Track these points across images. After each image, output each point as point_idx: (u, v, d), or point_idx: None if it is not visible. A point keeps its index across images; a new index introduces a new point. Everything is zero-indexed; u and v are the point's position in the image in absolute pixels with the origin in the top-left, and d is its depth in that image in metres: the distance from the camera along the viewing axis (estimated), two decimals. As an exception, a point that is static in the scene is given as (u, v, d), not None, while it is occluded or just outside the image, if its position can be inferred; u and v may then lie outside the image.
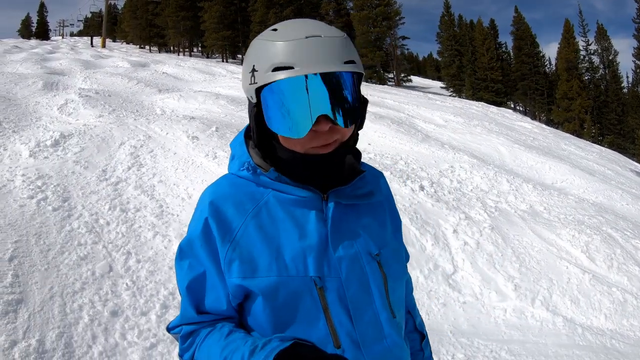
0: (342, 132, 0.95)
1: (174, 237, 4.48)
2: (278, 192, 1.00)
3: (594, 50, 44.11)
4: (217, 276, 0.99)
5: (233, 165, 1.08)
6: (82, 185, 5.10)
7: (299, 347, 0.83)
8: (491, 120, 15.02)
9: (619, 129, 40.09)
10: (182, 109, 9.42)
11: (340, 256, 0.97)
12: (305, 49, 0.89)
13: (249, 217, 0.98)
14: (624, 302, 4.32)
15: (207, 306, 1.00)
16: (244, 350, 0.87)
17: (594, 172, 9.63)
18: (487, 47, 45.32)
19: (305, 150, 0.95)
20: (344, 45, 0.93)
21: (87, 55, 20.69)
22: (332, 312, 0.95)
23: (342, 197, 1.00)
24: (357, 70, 0.92)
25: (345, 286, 0.96)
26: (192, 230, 1.03)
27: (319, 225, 0.98)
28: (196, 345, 1.00)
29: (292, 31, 0.91)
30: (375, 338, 0.97)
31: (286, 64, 0.89)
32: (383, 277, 1.01)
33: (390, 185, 3.08)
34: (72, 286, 3.39)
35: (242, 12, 45.54)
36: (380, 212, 1.10)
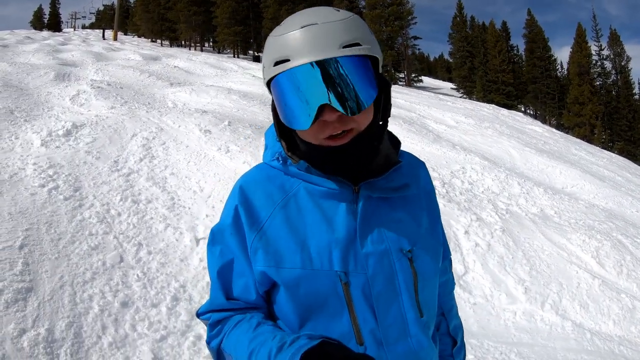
0: (357, 121, 0.90)
1: (185, 230, 4.50)
2: (308, 184, 0.99)
3: (607, 55, 43.81)
4: (246, 264, 1.00)
5: (266, 155, 1.08)
6: (93, 176, 5.12)
7: (326, 345, 0.82)
8: (502, 123, 14.93)
9: (629, 136, 39.76)
10: (194, 103, 9.44)
11: (368, 252, 0.94)
12: (299, 39, 0.87)
13: (277, 207, 0.98)
14: (632, 308, 4.28)
15: (236, 293, 1.01)
16: (271, 345, 0.87)
17: (604, 178, 9.55)
18: (499, 49, 45.04)
19: (318, 141, 0.93)
20: (344, 28, 0.88)
21: (99, 48, 20.79)
22: (356, 308, 0.93)
23: (374, 189, 0.97)
24: (358, 53, 0.87)
25: (370, 283, 0.93)
26: (224, 217, 1.04)
27: (348, 219, 0.96)
28: (224, 333, 1.00)
29: (291, 23, 0.90)
30: (399, 337, 0.95)
31: (283, 57, 0.88)
32: (413, 275, 0.98)
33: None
34: (82, 276, 3.40)
35: (255, 8, 45.60)
36: (415, 206, 1.06)
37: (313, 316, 0.95)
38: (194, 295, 3.61)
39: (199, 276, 3.88)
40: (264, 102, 10.02)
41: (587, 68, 40.70)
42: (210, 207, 5.04)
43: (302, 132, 0.94)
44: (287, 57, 0.87)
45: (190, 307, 3.44)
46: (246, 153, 6.31)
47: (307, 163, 0.97)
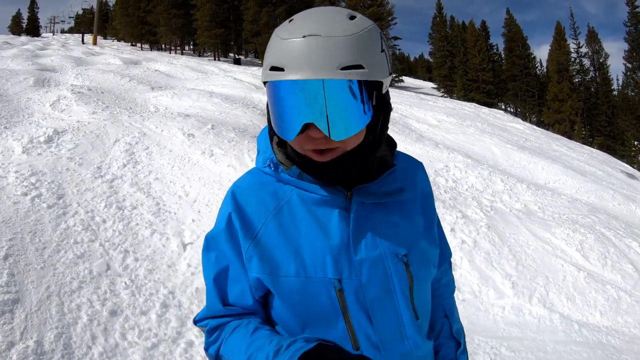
0: (343, 142, 0.87)
1: (171, 235, 4.45)
2: (300, 190, 0.97)
3: (585, 52, 44.79)
4: (241, 270, 0.99)
5: (258, 160, 1.05)
6: (76, 182, 5.03)
7: (323, 348, 0.82)
8: (483, 121, 15.12)
9: (608, 131, 40.69)
10: (176, 107, 9.34)
11: (362, 258, 0.93)
12: (298, 50, 0.82)
13: (270, 215, 0.97)
14: (618, 299, 4.38)
15: (233, 299, 1.00)
16: (268, 349, 0.87)
17: (586, 172, 9.74)
18: (478, 49, 45.71)
19: (303, 151, 0.91)
20: (348, 46, 0.82)
21: (79, 52, 20.42)
22: (351, 314, 0.93)
23: (366, 195, 0.96)
24: (357, 78, 0.82)
25: (365, 289, 0.93)
26: (218, 223, 1.03)
27: (341, 225, 0.94)
28: (222, 340, 0.99)
29: (296, 27, 0.85)
30: (395, 340, 0.95)
31: (278, 65, 0.84)
32: (409, 279, 0.97)
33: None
34: (69, 285, 3.34)
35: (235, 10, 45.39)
36: (411, 209, 1.04)
37: (309, 322, 0.95)
38: (183, 302, 3.57)
39: (187, 282, 3.84)
40: (246, 104, 9.98)
41: (566, 65, 41.55)
42: (196, 211, 5.00)
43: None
44: (282, 66, 0.83)
45: (180, 314, 3.40)
46: (230, 156, 6.27)
47: (300, 169, 0.96)
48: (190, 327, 3.26)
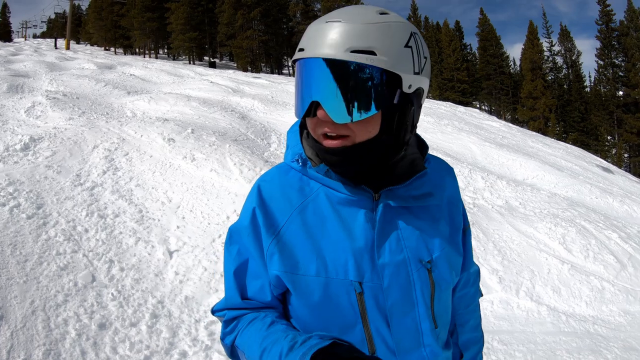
0: (352, 130, 0.86)
1: (156, 243, 4.36)
2: (327, 189, 0.96)
3: (558, 50, 46.03)
4: (262, 266, 0.98)
5: (287, 154, 1.05)
6: (56, 191, 4.88)
7: (337, 346, 0.81)
8: (460, 120, 15.33)
9: (582, 127, 41.89)
10: (154, 111, 9.18)
11: (384, 262, 0.92)
12: (317, 32, 0.86)
13: (295, 212, 0.96)
14: (602, 289, 4.49)
15: (251, 294, 1.00)
16: (283, 344, 0.86)
17: (563, 168, 9.98)
18: (453, 48, 46.43)
19: (316, 136, 0.93)
20: (363, 32, 0.82)
21: (52, 57, 19.84)
22: (369, 318, 0.92)
23: (394, 198, 0.94)
24: (365, 62, 0.81)
25: (385, 294, 0.92)
26: (242, 217, 1.03)
27: (366, 227, 0.93)
28: (238, 330, 1.00)
29: (327, 16, 0.89)
30: (412, 347, 0.95)
31: (301, 46, 0.89)
32: (431, 286, 0.96)
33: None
34: (54, 299, 3.22)
35: (209, 13, 45.05)
36: (437, 215, 1.02)
37: (327, 323, 0.94)
38: (173, 311, 3.50)
39: (176, 290, 3.77)
40: (225, 108, 9.87)
41: (540, 63, 42.54)
42: (180, 217, 4.91)
43: (306, 122, 0.94)
44: (302, 47, 0.88)
45: (171, 324, 3.33)
46: (212, 160, 6.18)
47: (328, 166, 0.94)
48: (183, 337, 3.20)
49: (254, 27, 42.50)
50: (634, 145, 38.06)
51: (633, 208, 7.33)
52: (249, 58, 42.04)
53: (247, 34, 41.66)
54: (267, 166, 6.07)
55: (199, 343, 3.18)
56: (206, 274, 4.01)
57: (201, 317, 3.49)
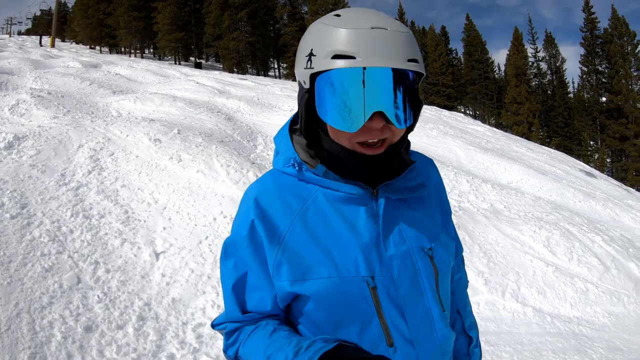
0: (393, 132, 0.91)
1: (142, 245, 4.30)
2: (326, 189, 0.96)
3: (542, 57, 46.85)
4: (262, 277, 0.97)
5: (278, 161, 1.03)
6: (40, 191, 4.79)
7: (342, 348, 0.81)
8: (445, 124, 15.45)
9: (565, 132, 42.66)
10: (139, 111, 9.09)
11: (392, 254, 0.94)
12: (370, 40, 0.84)
13: (297, 217, 0.95)
14: (586, 291, 4.58)
15: (252, 307, 0.99)
16: (287, 350, 0.86)
17: (546, 172, 10.13)
18: (438, 53, 46.89)
19: (352, 145, 0.91)
20: (409, 41, 0.87)
21: (37, 55, 19.51)
22: (384, 311, 0.92)
23: (392, 191, 0.97)
24: (419, 70, 0.88)
25: (397, 285, 0.93)
26: (238, 230, 1.00)
27: (369, 222, 0.94)
28: (240, 341, 0.99)
29: (357, 19, 0.87)
30: (427, 334, 0.96)
31: (347, 53, 0.84)
32: (435, 272, 0.98)
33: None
34: (39, 301, 3.16)
35: (196, 13, 44.75)
36: (430, 204, 1.06)
37: (344, 323, 0.93)
38: (160, 313, 3.46)
39: (162, 292, 3.73)
40: (211, 109, 9.82)
41: (524, 69, 43.23)
42: (166, 219, 4.86)
43: (336, 133, 0.91)
44: (352, 54, 0.84)
45: (158, 326, 3.29)
46: (199, 162, 6.14)
47: (326, 167, 0.95)
48: (170, 339, 3.16)
49: (241, 29, 42.34)
50: (616, 150, 38.92)
51: (615, 212, 7.48)
52: (235, 59, 41.85)
53: (233, 35, 41.48)
54: (254, 168, 6.04)
55: (187, 346, 3.14)
56: (193, 276, 3.97)
57: (189, 320, 3.45)
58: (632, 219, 7.28)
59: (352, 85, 0.84)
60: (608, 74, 40.75)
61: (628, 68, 38.92)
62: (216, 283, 3.94)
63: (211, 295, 3.78)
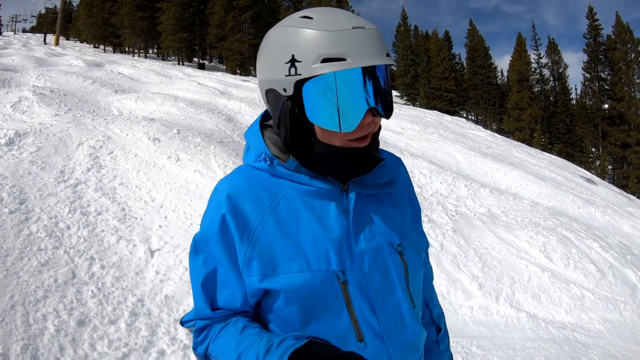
0: (376, 123, 0.94)
1: (138, 242, 4.32)
2: (296, 184, 0.97)
3: (545, 63, 46.86)
4: (232, 273, 0.97)
5: (249, 156, 1.04)
6: (39, 187, 4.82)
7: (313, 345, 0.81)
8: (446, 128, 15.47)
9: (567, 138, 42.57)
10: (140, 111, 9.13)
11: (362, 249, 0.95)
12: (354, 40, 0.85)
13: (267, 212, 0.95)
14: (581, 297, 4.57)
15: (222, 303, 0.99)
16: (259, 347, 0.86)
17: (546, 178, 10.13)
18: (441, 58, 46.88)
19: (343, 143, 0.92)
20: (382, 37, 0.92)
21: (41, 53, 19.59)
22: (354, 306, 0.93)
23: (362, 187, 0.98)
24: (392, 63, 0.92)
25: (367, 279, 0.94)
26: (208, 225, 0.99)
27: (339, 217, 0.95)
28: (210, 338, 0.98)
29: (333, 21, 0.88)
30: (397, 329, 0.96)
31: (337, 55, 0.85)
32: (404, 268, 0.99)
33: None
34: (34, 294, 3.18)
35: (200, 14, 44.92)
36: (400, 201, 1.08)
37: (314, 317, 0.94)
38: (153, 310, 3.47)
39: (156, 289, 3.74)
40: (211, 110, 9.85)
41: (527, 75, 43.26)
42: (162, 217, 4.88)
43: (327, 136, 0.92)
44: (343, 56, 0.85)
45: (150, 322, 3.30)
46: (197, 162, 6.16)
47: (297, 162, 0.96)
48: (161, 335, 3.18)
49: (245, 30, 42.48)
50: (618, 158, 38.85)
51: (615, 218, 7.47)
52: (239, 61, 41.98)
53: (237, 36, 41.62)
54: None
55: (178, 342, 3.16)
56: (187, 274, 3.98)
57: (180, 317, 3.46)
58: (632, 226, 7.27)
59: (348, 86, 0.86)
60: (611, 80, 40.70)
61: (631, 75, 38.89)
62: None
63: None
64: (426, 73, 46.74)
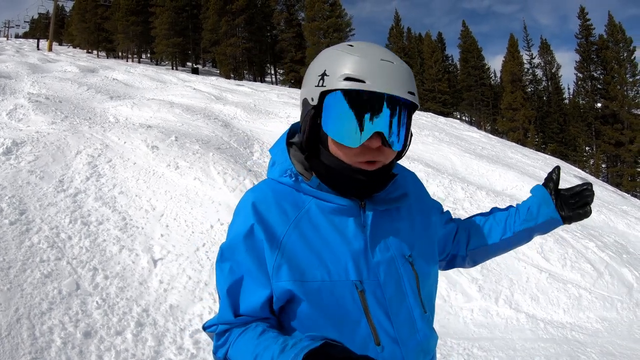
0: (386, 155, 1.01)
1: (140, 251, 4.34)
2: (319, 200, 1.05)
3: (538, 63, 47.16)
4: (259, 281, 1.03)
5: (274, 171, 1.11)
6: (38, 197, 4.82)
7: (328, 347, 0.85)
8: (441, 130, 15.52)
9: (560, 138, 42.86)
10: (137, 117, 9.12)
11: (378, 261, 1.03)
12: (378, 69, 0.95)
13: (292, 225, 1.03)
14: (579, 297, 4.64)
15: (245, 310, 1.04)
16: (274, 348, 0.90)
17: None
18: (435, 60, 47.15)
19: (350, 161, 1.00)
20: (410, 76, 0.99)
21: (34, 59, 19.51)
22: (371, 313, 1.00)
23: (378, 203, 1.07)
24: (415, 102, 0.99)
25: (383, 288, 1.02)
26: (236, 234, 1.06)
27: (357, 232, 1.04)
28: (230, 343, 1.04)
29: (368, 51, 0.98)
30: (410, 334, 1.04)
31: (358, 77, 0.95)
32: (415, 277, 1.08)
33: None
34: (38, 307, 3.19)
35: (194, 19, 44.90)
36: (410, 212, 1.16)
37: (337, 324, 1.00)
38: (158, 319, 3.49)
39: (160, 299, 3.76)
40: (208, 115, 9.86)
41: (520, 75, 43.54)
42: (164, 226, 4.89)
43: (337, 148, 1.00)
44: (363, 79, 0.94)
45: (156, 332, 3.33)
46: (196, 169, 6.17)
47: (319, 179, 1.04)
48: (168, 345, 3.20)
49: (238, 34, 42.49)
50: (611, 156, 39.12)
51: (610, 217, 7.56)
52: (232, 65, 41.99)
53: (230, 41, 41.62)
54: (250, 175, 6.09)
55: (185, 351, 3.18)
56: (191, 283, 4.01)
57: (186, 326, 3.49)
58: (627, 224, 7.36)
59: (358, 105, 0.95)
60: (603, 80, 41.01)
61: (623, 74, 39.19)
62: (213, 290, 3.98)
63: (208, 301, 3.82)
64: (420, 75, 46.95)
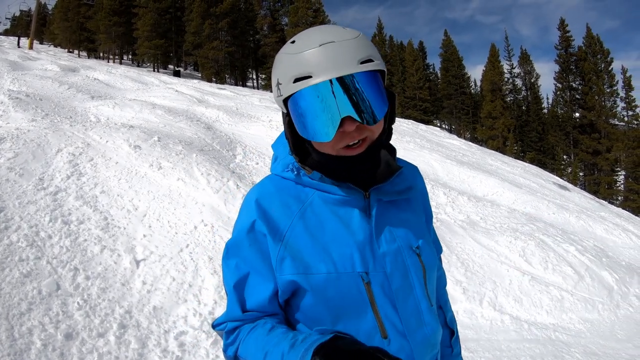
0: (371, 130, 0.97)
1: (122, 252, 4.24)
2: (322, 192, 1.03)
3: (518, 73, 48.17)
4: (264, 276, 1.02)
5: (276, 166, 1.11)
6: (18, 195, 4.67)
7: (338, 340, 0.85)
8: (422, 137, 15.72)
9: (539, 146, 43.83)
10: (118, 117, 8.97)
11: (384, 252, 1.01)
12: (320, 56, 0.92)
13: (296, 218, 1.02)
14: (561, 299, 4.73)
15: (253, 305, 1.03)
16: (284, 344, 0.90)
17: (521, 185, 10.41)
18: (416, 68, 47.74)
19: (336, 152, 0.99)
20: (359, 45, 0.94)
21: (15, 56, 19.07)
22: (378, 305, 0.98)
23: (383, 194, 1.04)
24: (374, 69, 0.94)
25: (390, 280, 1.00)
26: (240, 230, 1.06)
27: (362, 223, 1.02)
28: (240, 340, 1.02)
29: (307, 41, 0.94)
30: (417, 326, 1.02)
31: (304, 74, 0.92)
32: (422, 269, 1.06)
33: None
34: (17, 307, 3.08)
35: (177, 21, 44.52)
36: (416, 206, 1.15)
37: (342, 316, 0.98)
38: (142, 321, 3.41)
39: (143, 300, 3.67)
40: (190, 117, 9.78)
41: (500, 85, 44.37)
42: (146, 226, 4.80)
43: (319, 144, 0.98)
44: (309, 74, 0.92)
45: (140, 334, 3.24)
46: (179, 169, 6.09)
47: (320, 173, 1.02)
48: (152, 348, 3.12)
49: (221, 38, 42.25)
50: (589, 164, 40.13)
51: (589, 223, 7.74)
52: (214, 69, 41.67)
53: (213, 44, 41.35)
54: (234, 177, 6.04)
55: (169, 354, 3.11)
56: (174, 284, 3.93)
57: (170, 328, 3.42)
58: (605, 230, 7.55)
59: (315, 101, 0.92)
60: (582, 90, 42.09)
61: (601, 85, 40.30)
62: (197, 291, 3.91)
63: (193, 303, 3.75)
64: (401, 82, 47.49)
